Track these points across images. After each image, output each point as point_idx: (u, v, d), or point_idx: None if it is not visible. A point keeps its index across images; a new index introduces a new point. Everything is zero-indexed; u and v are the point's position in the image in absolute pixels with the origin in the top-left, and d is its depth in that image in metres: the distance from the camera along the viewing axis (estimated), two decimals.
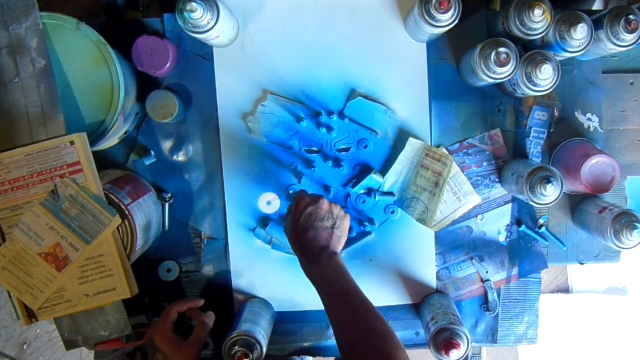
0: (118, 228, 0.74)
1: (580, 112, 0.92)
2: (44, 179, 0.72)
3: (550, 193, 0.78)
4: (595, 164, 0.83)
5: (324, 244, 0.71)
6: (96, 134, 0.76)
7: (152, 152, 0.89)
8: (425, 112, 0.90)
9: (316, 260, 0.69)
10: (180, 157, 0.90)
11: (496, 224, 0.92)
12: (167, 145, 0.90)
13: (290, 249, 0.89)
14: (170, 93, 0.84)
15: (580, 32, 0.76)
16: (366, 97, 0.89)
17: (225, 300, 0.91)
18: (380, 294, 0.92)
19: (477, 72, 0.78)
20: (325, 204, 0.74)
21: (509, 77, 0.77)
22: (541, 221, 0.92)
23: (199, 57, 0.88)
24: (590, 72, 0.91)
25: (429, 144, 0.90)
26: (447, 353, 0.78)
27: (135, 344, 0.84)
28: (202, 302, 0.85)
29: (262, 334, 0.80)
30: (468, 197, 0.90)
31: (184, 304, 0.82)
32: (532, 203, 0.81)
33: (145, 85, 0.87)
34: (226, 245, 0.91)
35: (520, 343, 0.95)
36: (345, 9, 0.88)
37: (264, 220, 0.90)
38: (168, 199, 0.89)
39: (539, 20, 0.76)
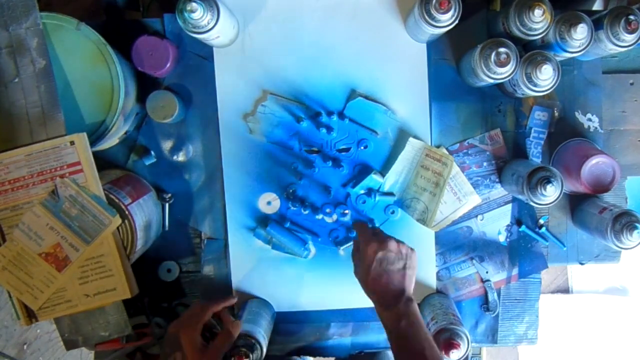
0: (118, 228, 0.74)
1: (580, 112, 0.92)
2: (44, 179, 0.72)
3: (550, 193, 0.78)
4: (595, 164, 0.83)
5: (398, 288, 0.70)
6: (96, 134, 0.76)
7: (152, 152, 0.89)
8: (425, 112, 0.90)
9: (391, 307, 0.69)
10: (180, 157, 0.90)
11: (496, 224, 0.92)
12: (167, 145, 0.90)
13: (290, 249, 0.89)
14: (170, 93, 0.84)
15: (580, 32, 0.76)
16: (366, 97, 0.89)
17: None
18: None
19: (477, 72, 0.78)
20: (393, 245, 0.73)
21: (509, 77, 0.77)
22: (541, 221, 0.92)
23: (199, 57, 0.88)
24: (590, 72, 0.91)
25: (429, 144, 0.90)
26: (447, 353, 0.78)
27: (135, 344, 0.84)
28: (235, 300, 0.82)
29: (262, 334, 0.80)
30: (468, 197, 0.90)
31: (220, 304, 0.78)
32: (532, 203, 0.81)
33: (145, 85, 0.87)
34: (226, 245, 0.91)
35: (520, 343, 0.95)
36: (345, 9, 0.88)
37: (264, 220, 0.90)
38: (168, 199, 0.89)
39: (539, 20, 0.76)
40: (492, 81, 0.78)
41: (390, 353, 0.96)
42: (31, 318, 0.75)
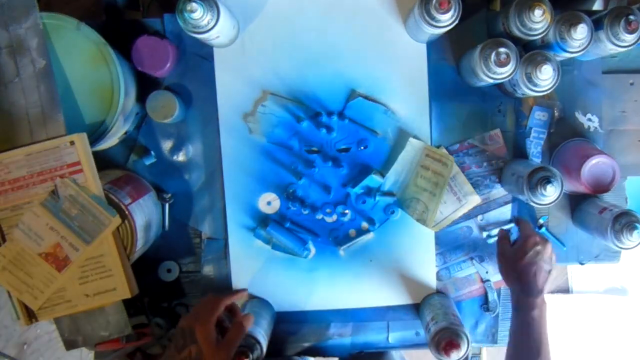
0: (118, 228, 0.74)
1: (580, 112, 0.91)
2: (44, 179, 0.72)
3: (550, 193, 0.78)
4: (595, 164, 0.83)
5: (541, 285, 0.77)
6: (96, 134, 0.76)
7: (152, 152, 0.89)
8: (425, 112, 0.90)
9: (533, 296, 0.77)
10: (180, 157, 0.90)
11: (496, 224, 0.92)
12: (167, 145, 0.90)
13: (290, 249, 0.89)
14: (170, 93, 0.84)
15: (580, 32, 0.76)
16: (366, 97, 0.89)
17: None
18: (380, 294, 0.92)
19: (477, 72, 0.78)
20: (549, 248, 0.80)
21: (509, 77, 0.77)
22: (541, 221, 0.92)
23: (199, 57, 0.88)
24: (590, 72, 0.91)
25: (429, 144, 0.90)
26: (447, 353, 0.78)
27: (135, 344, 0.84)
28: (246, 293, 0.81)
29: (262, 334, 0.80)
30: (468, 198, 0.90)
31: (232, 297, 0.77)
32: (532, 203, 0.81)
33: (145, 85, 0.87)
34: (226, 245, 0.91)
35: None
36: (345, 9, 0.88)
37: (264, 220, 0.90)
38: (168, 199, 0.89)
39: (539, 21, 0.76)
40: (492, 81, 0.78)
41: (390, 353, 0.96)
42: (31, 318, 0.75)
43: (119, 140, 0.88)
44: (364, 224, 0.91)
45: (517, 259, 0.79)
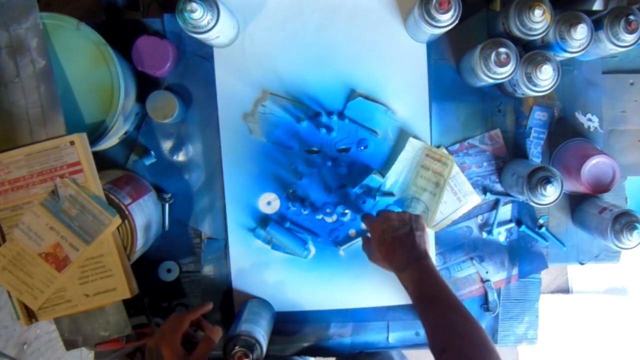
0: (118, 228, 0.74)
1: (580, 112, 0.92)
2: (44, 179, 0.72)
3: (550, 193, 0.78)
4: (595, 164, 0.83)
5: (409, 248, 0.73)
6: (96, 134, 0.76)
7: (152, 152, 0.89)
8: (425, 112, 0.90)
9: (405, 266, 0.72)
10: (180, 157, 0.90)
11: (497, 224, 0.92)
12: (167, 145, 0.90)
13: (290, 249, 0.89)
14: (170, 93, 0.84)
15: (580, 32, 0.76)
16: (366, 97, 0.89)
17: (225, 300, 0.91)
18: (380, 294, 0.92)
19: (477, 72, 0.78)
20: (392, 215, 0.77)
21: (509, 77, 0.77)
22: (541, 221, 0.92)
23: (199, 57, 0.88)
24: (590, 72, 0.91)
25: (429, 144, 0.90)
26: None
27: (135, 344, 0.84)
28: (211, 306, 0.83)
29: (262, 334, 0.80)
30: (468, 198, 0.90)
31: (196, 312, 0.78)
32: (532, 203, 0.81)
33: (145, 85, 0.87)
34: (226, 245, 0.91)
35: (520, 343, 0.95)
36: (345, 9, 0.88)
37: (264, 220, 0.90)
38: (168, 199, 0.89)
39: (539, 21, 0.76)
40: (492, 81, 0.78)
41: (390, 353, 0.96)
42: (31, 318, 0.75)
43: (119, 140, 0.88)
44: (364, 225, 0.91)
45: (376, 252, 0.77)
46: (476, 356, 0.61)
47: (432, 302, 0.68)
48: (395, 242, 0.74)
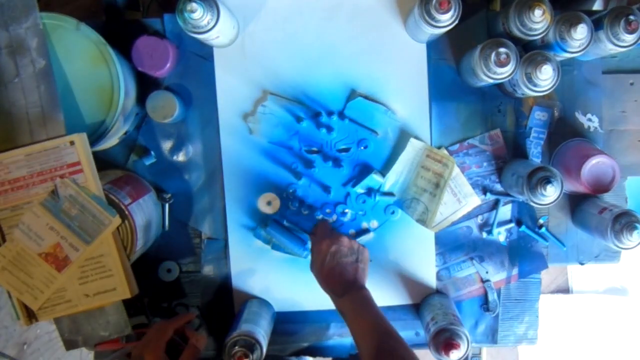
0: (118, 228, 0.74)
1: (580, 112, 0.92)
2: (44, 179, 0.72)
3: (550, 193, 0.78)
4: (595, 164, 0.83)
5: (351, 278, 0.75)
6: (96, 134, 0.76)
7: (152, 152, 0.89)
8: (425, 112, 0.90)
9: (344, 293, 0.74)
10: (180, 157, 0.90)
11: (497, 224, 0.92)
12: (167, 145, 0.90)
13: (290, 249, 0.89)
14: (170, 93, 0.84)
15: (580, 33, 0.76)
16: (366, 97, 0.89)
17: (225, 300, 0.91)
18: (380, 294, 0.92)
19: (477, 72, 0.78)
20: (345, 241, 0.78)
21: (509, 77, 0.77)
22: (541, 221, 0.92)
23: (199, 57, 0.88)
24: (590, 72, 0.91)
25: (429, 144, 0.90)
26: (447, 353, 0.78)
27: (135, 344, 0.84)
28: (194, 315, 0.84)
29: (262, 334, 0.80)
30: (468, 199, 0.90)
31: (179, 320, 0.79)
32: (532, 203, 0.81)
33: (145, 85, 0.87)
34: (226, 245, 0.91)
35: (520, 343, 0.95)
36: (345, 9, 0.88)
37: (264, 220, 0.90)
38: (168, 199, 0.89)
39: (539, 21, 0.76)
40: (492, 81, 0.78)
41: None
42: (31, 318, 0.75)
43: (119, 140, 0.88)
44: (364, 224, 0.91)
45: (318, 268, 0.77)
46: None
47: (371, 331, 0.69)
48: (338, 268, 0.76)
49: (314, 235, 0.82)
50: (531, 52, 0.78)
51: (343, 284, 0.75)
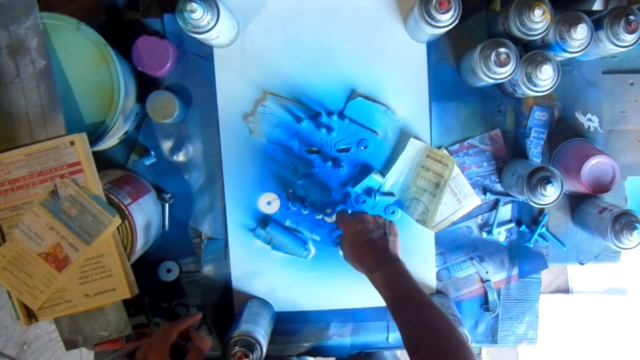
0: (118, 228, 0.74)
1: (580, 112, 0.92)
2: (44, 179, 0.72)
3: (550, 193, 0.78)
4: (595, 164, 0.83)
5: (382, 251, 0.74)
6: (96, 134, 0.76)
7: (152, 152, 0.89)
8: (425, 112, 0.90)
9: (377, 267, 0.72)
10: (180, 157, 0.90)
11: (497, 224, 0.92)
12: (167, 145, 0.90)
13: (290, 249, 0.89)
14: (170, 93, 0.84)
15: (580, 32, 0.76)
16: (366, 97, 0.89)
17: (225, 300, 0.91)
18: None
19: (477, 72, 0.78)
20: (369, 217, 0.77)
21: (509, 77, 0.77)
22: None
23: (199, 57, 0.88)
24: (590, 72, 0.91)
25: (429, 144, 0.90)
26: None
27: (135, 344, 0.84)
28: (200, 316, 0.84)
29: (262, 334, 0.80)
30: (468, 199, 0.90)
31: (185, 322, 0.79)
32: (532, 203, 0.81)
33: (145, 85, 0.87)
34: (226, 245, 0.91)
35: (520, 343, 0.95)
36: (345, 10, 0.88)
37: (264, 220, 0.90)
38: (168, 199, 0.89)
39: (539, 21, 0.76)
40: (492, 81, 0.78)
41: (389, 353, 0.96)
42: (31, 318, 0.75)
43: (119, 140, 0.88)
44: None
45: (348, 252, 0.77)
46: (450, 350, 0.61)
47: (405, 301, 0.68)
48: (368, 244, 0.74)
49: (338, 227, 0.82)
50: (531, 52, 0.78)
51: (375, 257, 0.73)
